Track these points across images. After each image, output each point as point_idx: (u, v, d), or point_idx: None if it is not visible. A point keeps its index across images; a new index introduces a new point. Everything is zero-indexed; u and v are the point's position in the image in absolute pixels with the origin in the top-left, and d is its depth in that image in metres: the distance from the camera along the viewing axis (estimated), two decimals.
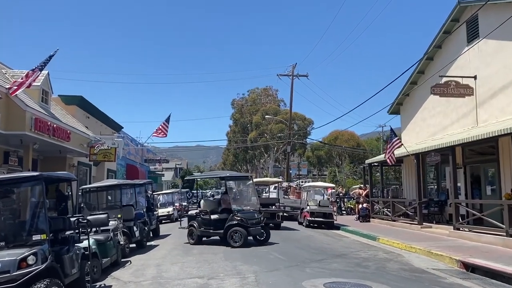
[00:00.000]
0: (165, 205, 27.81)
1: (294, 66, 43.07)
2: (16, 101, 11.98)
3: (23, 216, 6.55)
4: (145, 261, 11.02)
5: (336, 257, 11.10)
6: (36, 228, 6.31)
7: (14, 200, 7.00)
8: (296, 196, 25.28)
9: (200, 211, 14.18)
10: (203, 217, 13.96)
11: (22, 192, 6.53)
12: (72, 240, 7.62)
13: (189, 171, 78.27)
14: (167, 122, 37.12)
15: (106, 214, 10.73)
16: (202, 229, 13.85)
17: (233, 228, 13.10)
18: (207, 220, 13.82)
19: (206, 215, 13.86)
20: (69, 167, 18.88)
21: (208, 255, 11.41)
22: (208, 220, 13.80)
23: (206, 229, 13.82)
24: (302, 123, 58.14)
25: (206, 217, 13.87)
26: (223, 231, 13.31)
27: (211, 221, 13.76)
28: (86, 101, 20.92)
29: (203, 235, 13.95)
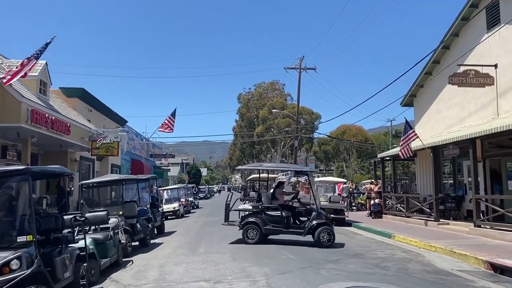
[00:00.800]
0: (171, 201, 27.20)
1: (301, 59, 42.16)
2: (11, 92, 11.31)
3: (7, 216, 5.85)
4: (148, 261, 10.34)
5: (352, 257, 10.35)
6: (22, 228, 5.61)
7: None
8: (305, 192, 24.48)
9: (265, 207, 12.95)
10: (271, 214, 12.76)
11: (6, 188, 5.82)
12: (65, 241, 6.92)
13: (195, 167, 77.81)
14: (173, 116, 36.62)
15: (106, 211, 10.09)
16: (269, 226, 12.56)
17: (323, 227, 12.22)
18: (278, 217, 12.66)
19: (275, 211, 12.81)
20: (70, 162, 18.27)
21: (215, 254, 10.70)
22: (279, 217, 12.65)
23: (275, 227, 12.61)
24: (309, 118, 57.31)
25: (276, 214, 12.75)
26: (305, 230, 12.35)
27: (282, 218, 12.63)
28: (88, 94, 20.25)
29: (270, 233, 12.72)
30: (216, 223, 20.37)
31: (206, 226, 19.11)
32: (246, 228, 12.59)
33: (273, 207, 12.98)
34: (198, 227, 18.78)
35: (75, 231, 8.27)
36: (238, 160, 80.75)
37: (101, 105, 22.26)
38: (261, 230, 12.52)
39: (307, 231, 12.38)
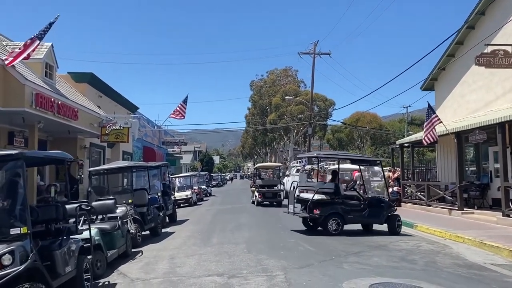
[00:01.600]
0: (183, 189, 26.79)
1: (315, 44, 41.19)
2: (14, 74, 10.76)
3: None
4: (158, 252, 9.81)
5: (375, 249, 9.68)
6: (15, 220, 5.04)
7: None
8: (320, 179, 23.76)
9: (346, 195, 12.43)
10: (351, 203, 12.18)
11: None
12: (66, 232, 6.37)
13: (208, 154, 77.49)
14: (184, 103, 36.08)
15: (113, 200, 9.57)
16: (351, 216, 11.99)
17: (395, 215, 12.29)
18: (358, 206, 12.16)
19: (355, 200, 12.34)
20: (80, 149, 17.83)
21: (228, 245, 10.13)
22: (359, 206, 12.15)
23: (356, 217, 12.10)
24: (323, 104, 56.20)
25: (355, 203, 12.22)
26: (382, 219, 12.14)
27: (363, 207, 12.13)
28: (97, 79, 19.70)
29: (351, 222, 12.18)
30: (229, 211, 19.88)
31: (219, 214, 18.60)
32: (330, 219, 11.74)
33: (350, 196, 12.56)
34: (211, 215, 18.28)
35: (80, 221, 7.77)
36: (250, 148, 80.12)
37: (111, 90, 21.71)
38: (344, 220, 11.90)
39: (384, 219, 12.19)
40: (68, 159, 6.90)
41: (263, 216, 17.12)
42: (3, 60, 10.63)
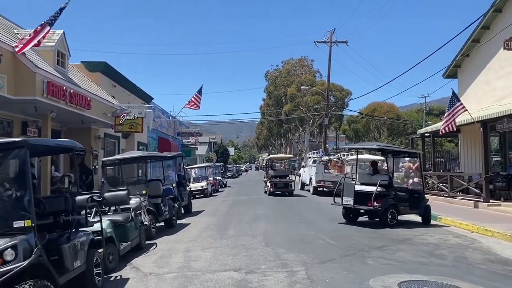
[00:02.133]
0: (199, 180, 26.54)
1: (332, 32, 40.31)
2: (25, 62, 10.47)
3: (1, 197, 4.97)
4: (173, 245, 9.48)
5: (400, 243, 9.18)
6: (18, 212, 4.71)
7: None
8: (338, 170, 23.25)
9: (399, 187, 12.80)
10: (400, 195, 12.19)
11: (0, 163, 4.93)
12: (75, 224, 6.04)
13: (223, 146, 77.31)
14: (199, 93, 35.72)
15: (126, 191, 9.24)
16: (401, 208, 12.01)
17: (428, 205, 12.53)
18: (405, 198, 12.25)
19: (402, 192, 12.51)
20: (94, 139, 17.63)
21: (245, 238, 9.74)
22: (406, 197, 12.27)
23: (404, 208, 12.14)
24: (339, 94, 55.28)
25: (403, 194, 12.34)
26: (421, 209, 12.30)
27: (409, 198, 12.27)
28: (111, 68, 19.41)
29: (401, 213, 12.13)
30: (245, 202, 19.53)
31: (235, 205, 18.26)
32: (389, 211, 11.62)
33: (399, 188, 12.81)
34: (227, 206, 17.94)
35: (91, 213, 7.46)
36: (265, 139, 79.64)
37: (125, 80, 21.43)
38: (398, 211, 11.88)
39: (423, 210, 12.32)
40: (77, 148, 6.57)
41: (280, 208, 16.71)
42: (14, 47, 10.35)
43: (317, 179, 22.50)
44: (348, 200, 11.96)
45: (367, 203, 11.59)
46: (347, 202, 12.01)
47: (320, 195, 22.35)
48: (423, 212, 12.34)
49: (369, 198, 11.56)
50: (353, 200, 11.83)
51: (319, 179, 22.51)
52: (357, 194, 11.90)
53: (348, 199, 11.96)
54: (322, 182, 22.52)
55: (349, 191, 12.04)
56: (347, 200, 12.01)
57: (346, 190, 12.17)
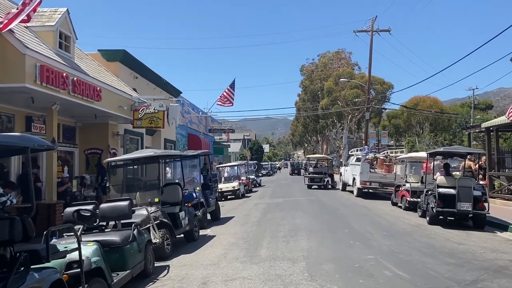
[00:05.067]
0: (230, 179, 24.47)
1: (373, 20, 37.31)
2: (12, 41, 8.60)
3: None
4: (188, 270, 7.33)
5: (497, 273, 6.63)
6: None
7: None
8: (385, 170, 20.56)
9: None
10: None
11: None
12: (26, 260, 3.96)
13: (257, 143, 75.31)
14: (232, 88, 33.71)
15: (128, 201, 7.13)
16: None
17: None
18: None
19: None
20: (112, 136, 15.80)
21: (282, 263, 7.43)
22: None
23: None
24: (380, 88, 51.94)
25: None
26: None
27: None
28: (131, 57, 17.53)
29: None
30: (281, 206, 17.24)
31: (270, 210, 15.98)
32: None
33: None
34: (260, 212, 15.69)
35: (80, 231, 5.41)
36: (300, 136, 77.02)
37: (148, 71, 19.53)
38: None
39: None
40: (36, 145, 4.45)
41: (323, 214, 14.30)
42: None
43: (362, 180, 19.90)
44: (465, 205, 11.45)
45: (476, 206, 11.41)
46: (464, 207, 11.47)
47: (365, 198, 19.79)
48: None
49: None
50: (471, 205, 11.41)
51: (365, 180, 19.91)
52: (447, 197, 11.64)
53: (465, 205, 11.44)
54: (367, 183, 19.92)
55: (466, 196, 11.50)
56: (463, 206, 11.47)
57: (463, 194, 11.54)
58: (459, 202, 11.49)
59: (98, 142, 15.26)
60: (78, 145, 15.25)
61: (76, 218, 6.24)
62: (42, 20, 10.89)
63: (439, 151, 14.57)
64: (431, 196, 12.61)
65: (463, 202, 11.48)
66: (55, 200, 11.57)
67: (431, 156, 14.34)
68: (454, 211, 11.68)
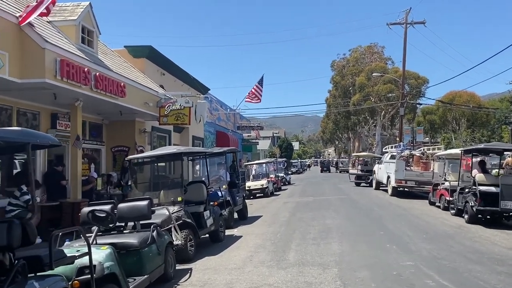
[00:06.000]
0: (258, 177, 24.01)
1: (407, 12, 36.04)
2: (32, 35, 8.37)
3: None
4: (212, 275, 6.87)
5: None
6: None
7: None
8: (422, 168, 19.53)
9: None
10: None
11: None
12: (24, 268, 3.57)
13: (286, 140, 74.56)
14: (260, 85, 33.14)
15: (147, 201, 6.72)
16: None
17: None
18: None
19: None
20: (139, 133, 15.59)
21: (312, 269, 6.85)
22: None
23: None
24: (414, 82, 50.25)
25: None
26: None
27: None
28: (157, 53, 17.27)
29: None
30: (311, 205, 16.61)
31: (299, 209, 15.38)
32: None
33: None
34: (289, 211, 15.11)
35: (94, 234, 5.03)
36: (331, 133, 75.70)
37: (175, 67, 19.24)
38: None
39: None
40: (39, 140, 4.06)
41: (356, 215, 13.59)
42: (18, 17, 8.27)
43: (397, 178, 18.97)
44: (510, 204, 10.86)
45: None
46: (508, 206, 10.89)
47: (400, 197, 18.86)
48: None
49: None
50: None
51: (400, 178, 18.97)
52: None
53: (510, 203, 10.85)
54: (403, 181, 18.98)
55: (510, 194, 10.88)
56: (507, 205, 10.88)
57: (507, 192, 10.91)
58: (503, 200, 10.84)
59: (125, 139, 15.07)
60: (105, 142, 15.12)
61: (91, 219, 5.90)
62: (64, 15, 10.69)
63: (474, 147, 13.73)
64: (470, 194, 11.90)
65: (507, 201, 10.82)
66: (79, 198, 11.37)
67: (466, 153, 13.57)
68: (497, 210, 11.01)
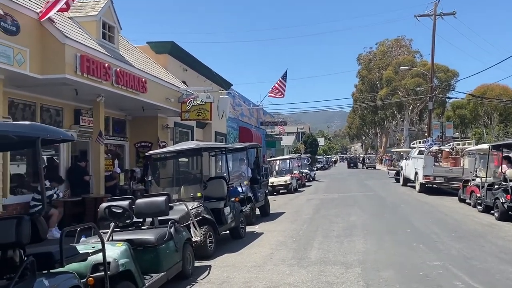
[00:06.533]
0: (282, 173, 23.77)
1: (436, 3, 34.89)
2: (52, 31, 8.39)
3: None
4: (230, 273, 6.72)
5: None
6: None
7: None
8: (452, 164, 18.86)
9: None
10: None
11: None
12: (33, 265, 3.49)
13: (311, 136, 73.88)
14: (283, 80, 32.83)
15: (165, 197, 6.62)
16: None
17: None
18: None
19: None
20: (162, 129, 15.62)
21: (334, 268, 6.60)
22: None
23: None
24: (444, 76, 48.80)
25: None
26: None
27: None
28: (180, 49, 17.23)
29: None
30: (335, 202, 16.28)
31: (323, 207, 15.08)
32: None
33: None
34: (312, 208, 14.84)
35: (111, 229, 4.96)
36: (357, 129, 74.55)
37: (198, 63, 19.18)
38: None
39: None
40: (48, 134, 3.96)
41: (381, 212, 13.20)
42: (38, 13, 8.30)
43: (426, 174, 18.38)
44: None
45: None
46: None
47: (429, 193, 18.28)
48: None
49: None
50: None
51: (428, 174, 18.37)
52: None
53: None
54: (431, 177, 18.37)
55: None
56: None
57: None
58: None
59: (147, 135, 15.14)
60: (129, 138, 15.22)
61: (108, 215, 5.83)
62: (85, 10, 10.73)
63: (503, 143, 13.10)
64: (500, 190, 11.38)
65: None
66: (102, 194, 11.45)
67: (494, 148, 12.98)
68: None
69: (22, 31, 7.89)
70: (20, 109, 10.15)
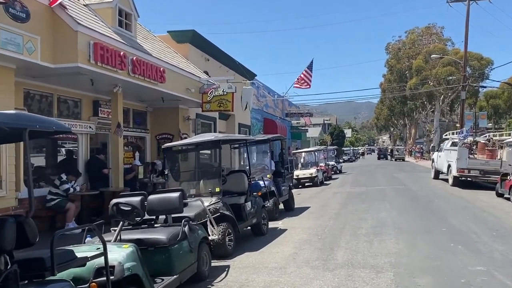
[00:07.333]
0: (307, 166, 23.11)
1: None
2: (63, 17, 8.02)
3: None
4: (250, 274, 6.21)
5: None
6: None
7: None
8: (488, 156, 17.78)
9: None
10: None
11: None
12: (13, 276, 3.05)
13: (338, 127, 72.61)
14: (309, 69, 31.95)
15: (179, 193, 6.15)
16: None
17: None
18: None
19: None
20: (183, 120, 15.26)
21: (364, 272, 5.99)
22: None
23: None
24: (477, 64, 46.69)
25: None
26: None
27: None
28: (201, 38, 16.74)
29: None
30: (363, 197, 15.55)
31: (350, 201, 14.40)
32: None
33: None
34: (339, 202, 14.19)
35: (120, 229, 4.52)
36: (385, 120, 72.71)
37: (220, 53, 18.66)
38: None
39: None
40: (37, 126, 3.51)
41: (413, 207, 12.45)
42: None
43: (459, 167, 17.38)
44: None
45: None
46: None
47: (462, 187, 17.31)
48: None
49: None
50: None
51: (462, 167, 17.36)
52: None
53: None
54: (466, 170, 17.36)
55: None
56: None
57: None
58: None
59: (169, 127, 14.80)
60: (150, 130, 14.91)
61: (116, 212, 5.40)
62: None
63: None
64: None
65: None
66: (121, 187, 11.15)
67: None
68: None
69: (32, 17, 7.54)
70: (36, 100, 9.91)
